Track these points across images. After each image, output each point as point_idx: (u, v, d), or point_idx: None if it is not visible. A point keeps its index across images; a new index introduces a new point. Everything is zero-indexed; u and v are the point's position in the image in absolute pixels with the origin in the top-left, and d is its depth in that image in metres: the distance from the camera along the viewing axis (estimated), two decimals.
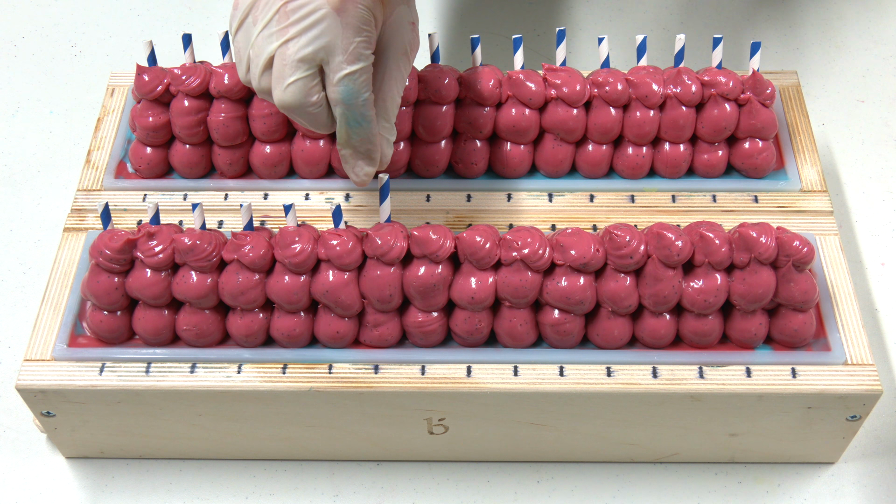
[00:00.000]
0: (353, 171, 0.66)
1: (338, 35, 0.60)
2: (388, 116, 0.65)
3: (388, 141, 0.66)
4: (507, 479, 0.74)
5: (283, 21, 0.61)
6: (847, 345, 0.68)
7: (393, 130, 0.66)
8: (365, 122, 0.63)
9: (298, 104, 0.62)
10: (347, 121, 0.63)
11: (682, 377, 0.67)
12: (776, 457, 0.73)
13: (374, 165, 0.66)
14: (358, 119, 0.63)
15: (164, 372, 0.68)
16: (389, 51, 0.64)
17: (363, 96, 0.62)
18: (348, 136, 0.64)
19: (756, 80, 0.74)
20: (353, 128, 0.63)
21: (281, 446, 0.73)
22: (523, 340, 0.68)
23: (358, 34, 0.61)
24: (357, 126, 0.63)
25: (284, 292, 0.66)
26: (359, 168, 0.66)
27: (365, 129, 0.64)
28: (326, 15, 0.60)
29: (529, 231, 0.66)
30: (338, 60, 0.61)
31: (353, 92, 0.62)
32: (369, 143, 0.65)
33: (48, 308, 0.71)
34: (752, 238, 0.65)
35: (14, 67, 1.01)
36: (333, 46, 0.61)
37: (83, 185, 0.78)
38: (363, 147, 0.65)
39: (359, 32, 0.61)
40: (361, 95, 0.62)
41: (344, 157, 0.66)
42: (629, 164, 0.76)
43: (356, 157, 0.66)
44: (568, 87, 0.74)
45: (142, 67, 0.76)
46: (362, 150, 0.65)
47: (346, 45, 0.61)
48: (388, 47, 0.64)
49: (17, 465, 0.75)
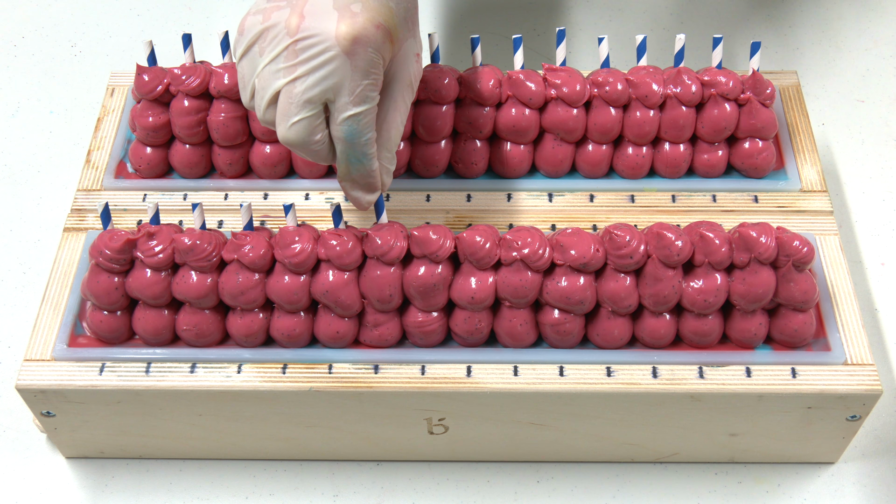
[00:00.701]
0: (355, 200, 0.67)
1: (346, 77, 0.60)
2: (390, 147, 0.65)
3: (388, 170, 0.67)
4: (507, 479, 0.74)
5: (291, 59, 0.61)
6: (847, 345, 0.68)
7: (394, 160, 0.67)
8: (366, 159, 0.64)
9: (302, 142, 0.63)
10: (348, 158, 0.64)
11: (682, 377, 0.67)
12: (776, 457, 0.73)
13: (374, 195, 0.67)
14: (359, 157, 0.64)
15: (164, 372, 0.68)
16: (395, 84, 0.64)
17: (366, 136, 0.63)
18: (348, 172, 0.65)
19: (756, 80, 0.74)
20: (353, 164, 0.64)
21: (281, 446, 0.73)
22: (523, 340, 0.68)
23: (366, 77, 0.61)
24: (357, 163, 0.64)
25: (284, 292, 0.66)
26: (359, 196, 0.67)
27: (365, 166, 0.64)
28: (335, 56, 0.60)
29: (529, 231, 0.66)
30: (343, 101, 0.61)
31: (356, 132, 0.62)
32: (369, 177, 0.65)
33: (48, 308, 0.71)
34: (752, 238, 0.65)
35: (14, 67, 1.01)
36: (340, 87, 0.61)
37: (83, 185, 0.78)
38: (363, 181, 0.65)
39: (367, 75, 0.61)
40: (364, 135, 0.63)
41: (344, 188, 0.66)
42: (629, 164, 0.76)
43: (355, 189, 0.66)
44: (568, 87, 0.74)
45: (142, 67, 0.76)
46: (362, 183, 0.66)
47: (353, 88, 0.61)
48: (394, 80, 0.64)
49: (17, 465, 0.75)
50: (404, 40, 0.64)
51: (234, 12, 1.05)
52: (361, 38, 0.60)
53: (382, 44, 0.61)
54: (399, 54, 0.64)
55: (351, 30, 0.60)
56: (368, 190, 0.66)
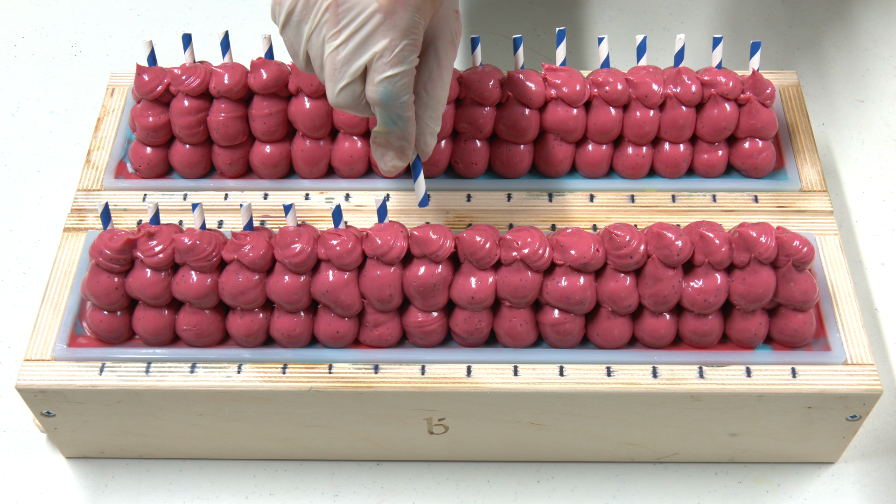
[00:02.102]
0: (382, 160, 0.66)
1: (385, 37, 0.60)
2: (436, 107, 0.64)
3: (432, 131, 0.65)
4: (507, 479, 0.74)
5: (333, 24, 0.60)
6: (847, 344, 0.68)
7: (439, 121, 0.65)
8: (401, 121, 0.63)
9: (350, 106, 0.63)
10: (384, 120, 0.63)
11: (682, 377, 0.67)
12: (776, 457, 0.73)
13: (404, 161, 0.66)
14: (394, 119, 0.63)
15: (164, 372, 0.68)
16: (437, 42, 0.63)
17: (402, 98, 0.62)
18: (384, 133, 0.64)
19: (756, 80, 0.74)
20: (389, 126, 0.63)
21: (281, 446, 0.73)
22: (523, 340, 0.68)
23: (405, 37, 0.60)
24: (393, 125, 0.63)
25: (284, 292, 0.66)
26: (388, 158, 0.66)
27: (401, 128, 0.63)
28: (376, 17, 0.59)
29: (529, 231, 0.66)
30: (382, 62, 0.60)
31: (392, 94, 0.61)
32: (403, 140, 0.64)
33: (48, 308, 0.71)
34: (752, 238, 0.65)
35: (14, 67, 1.01)
36: (380, 49, 0.60)
37: (83, 185, 0.78)
38: (396, 143, 0.64)
39: (406, 35, 0.60)
40: (400, 98, 0.62)
41: (374, 147, 0.65)
42: (629, 164, 0.76)
43: (387, 149, 0.65)
44: (568, 87, 0.74)
45: (142, 67, 0.76)
46: (395, 146, 0.65)
47: (392, 48, 0.60)
48: (436, 38, 0.63)
49: (17, 465, 0.75)
50: None
51: (234, 12, 1.05)
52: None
53: (423, 2, 0.60)
54: (440, 11, 0.63)
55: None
56: (399, 153, 0.65)
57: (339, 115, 0.75)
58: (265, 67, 0.74)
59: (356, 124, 0.75)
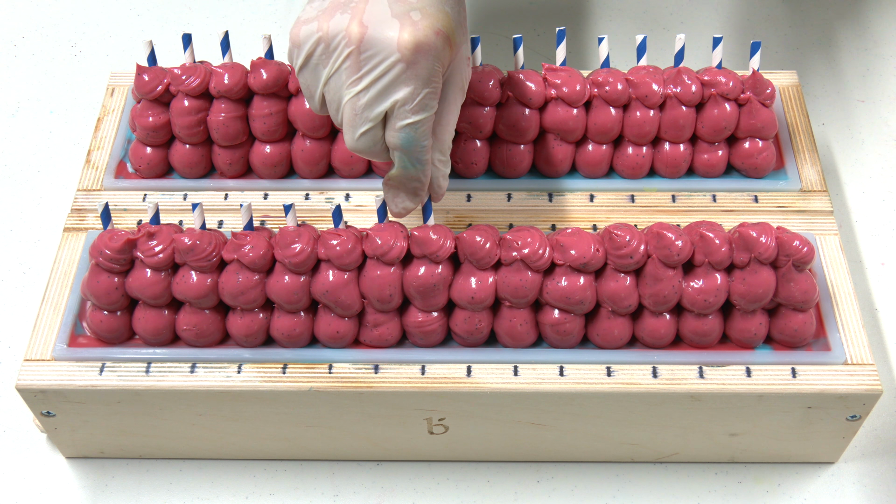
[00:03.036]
0: (394, 201, 0.67)
1: (408, 86, 0.60)
2: (444, 150, 0.65)
3: (443, 174, 0.67)
4: (507, 479, 0.74)
5: (354, 70, 0.60)
6: (847, 344, 0.68)
7: (448, 164, 0.67)
8: (420, 165, 0.64)
9: (369, 151, 0.63)
10: (403, 164, 0.64)
11: (682, 377, 0.67)
12: (776, 457, 0.73)
13: (416, 203, 0.67)
14: (413, 162, 0.64)
15: (164, 372, 0.68)
16: (448, 87, 0.64)
17: (423, 143, 0.63)
18: (401, 175, 0.65)
19: (756, 79, 0.74)
20: (408, 170, 0.64)
21: (281, 446, 0.73)
22: (523, 340, 0.68)
23: (427, 85, 0.61)
24: (412, 168, 0.64)
25: (284, 292, 0.66)
26: (399, 201, 0.66)
27: (419, 171, 0.64)
28: (399, 66, 0.60)
29: (529, 231, 0.66)
30: (403, 109, 0.61)
31: (414, 140, 0.62)
32: (419, 182, 0.65)
33: (48, 308, 0.71)
34: (752, 238, 0.65)
35: (14, 67, 1.01)
36: (403, 97, 0.61)
37: (83, 185, 0.78)
38: (411, 185, 0.65)
39: (428, 83, 0.61)
40: (422, 143, 0.63)
41: (387, 189, 0.66)
42: (629, 164, 0.76)
43: (400, 192, 0.66)
44: (568, 87, 0.74)
45: (142, 67, 0.76)
46: (409, 188, 0.66)
47: (414, 96, 0.61)
48: (448, 84, 0.64)
49: (17, 465, 0.75)
50: (461, 45, 0.64)
51: (234, 12, 1.05)
52: (423, 46, 0.59)
53: (442, 50, 0.61)
54: (455, 58, 0.64)
55: (413, 38, 0.59)
56: (413, 196, 0.66)
57: None
58: (265, 67, 0.74)
59: None
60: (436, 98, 0.62)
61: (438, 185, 0.67)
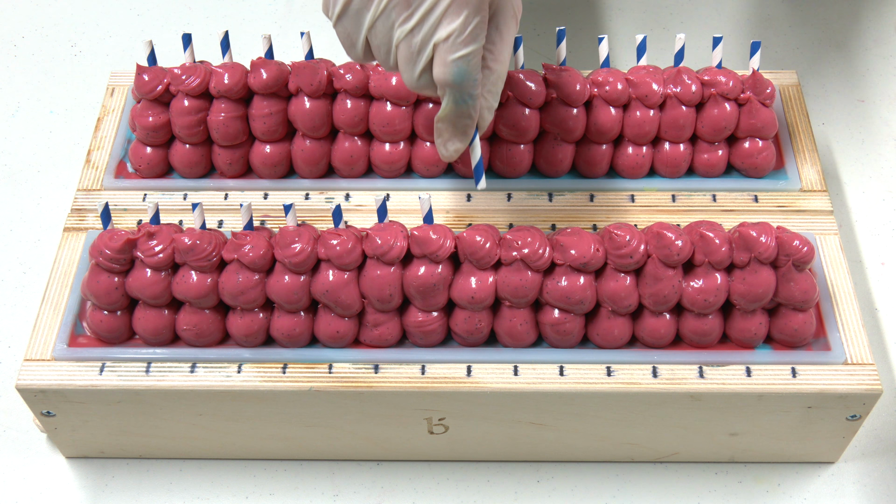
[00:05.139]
0: (445, 145, 0.65)
1: (458, 16, 0.59)
2: (496, 82, 0.64)
3: (490, 107, 0.65)
4: (507, 479, 0.74)
5: (403, 8, 0.59)
6: (847, 344, 0.68)
7: (497, 97, 0.65)
8: (472, 100, 0.62)
9: (430, 86, 0.62)
10: (455, 99, 0.62)
11: (682, 377, 0.67)
12: (776, 456, 0.73)
13: (465, 143, 0.64)
14: (465, 97, 0.62)
15: (164, 372, 0.68)
16: (499, 16, 0.62)
17: (475, 77, 0.61)
18: (451, 114, 0.63)
19: (756, 79, 0.74)
20: (459, 106, 0.62)
21: (281, 446, 0.73)
22: (523, 340, 0.68)
23: (476, 14, 0.59)
24: (463, 104, 0.62)
25: (284, 292, 0.66)
26: (451, 144, 0.64)
27: (470, 107, 0.62)
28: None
29: (529, 231, 0.66)
30: (453, 41, 0.59)
31: (466, 73, 0.60)
32: (469, 118, 0.63)
33: (48, 308, 0.71)
34: (752, 238, 0.65)
35: (14, 67, 1.01)
36: (455, 28, 0.59)
37: (83, 185, 0.78)
38: (461, 123, 0.63)
39: (478, 12, 0.59)
40: (473, 76, 0.61)
41: (438, 130, 0.64)
42: (629, 164, 0.76)
43: (451, 133, 0.64)
44: (568, 87, 0.74)
45: (142, 67, 0.76)
46: (459, 127, 0.64)
47: (464, 27, 0.59)
48: (497, 13, 0.62)
49: (17, 465, 0.75)
50: None
51: (234, 12, 1.05)
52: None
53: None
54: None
55: None
56: (462, 135, 0.64)
57: (339, 116, 0.75)
58: (265, 67, 0.74)
59: (356, 124, 0.75)
60: (485, 27, 0.60)
61: (484, 119, 0.65)
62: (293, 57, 0.88)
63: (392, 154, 0.76)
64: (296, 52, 0.99)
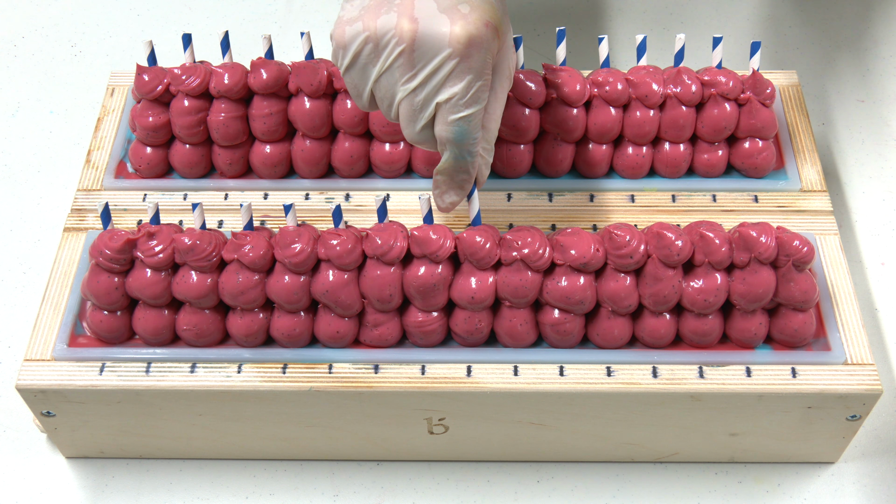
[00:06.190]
0: (441, 198, 0.67)
1: (461, 80, 0.60)
2: (490, 139, 0.65)
3: (487, 162, 0.66)
4: (507, 479, 0.74)
5: (408, 67, 0.61)
6: (847, 344, 0.68)
7: (492, 152, 0.66)
8: (471, 157, 0.64)
9: (429, 142, 0.64)
10: (455, 156, 0.64)
11: (682, 377, 0.67)
12: (776, 457, 0.73)
13: (462, 196, 0.66)
14: (464, 154, 0.64)
15: (164, 372, 0.68)
16: (496, 76, 0.64)
17: (475, 136, 0.63)
18: (451, 168, 0.64)
19: (756, 79, 0.74)
20: (458, 161, 0.64)
21: (281, 446, 0.73)
22: (523, 340, 0.68)
23: (479, 78, 0.61)
24: (462, 160, 0.64)
25: (284, 292, 0.66)
26: (447, 196, 0.66)
27: (468, 163, 0.64)
28: (451, 60, 0.60)
29: (529, 231, 0.66)
30: (456, 102, 0.61)
31: (466, 133, 0.62)
32: (467, 174, 0.65)
33: (48, 308, 0.71)
34: (752, 238, 0.65)
35: (14, 67, 1.01)
36: (458, 91, 0.61)
37: (83, 185, 0.78)
38: (459, 178, 0.65)
39: (480, 76, 0.61)
40: (473, 135, 0.63)
41: (436, 182, 0.66)
42: (629, 164, 0.76)
43: (449, 186, 0.66)
44: (568, 87, 0.74)
45: (142, 67, 0.76)
46: (457, 181, 0.65)
47: (467, 89, 0.61)
48: (495, 73, 0.64)
49: (17, 465, 0.75)
50: (507, 33, 0.64)
51: (234, 12, 1.05)
52: (475, 39, 0.60)
53: (492, 41, 0.61)
54: (502, 48, 0.64)
55: (465, 32, 0.59)
56: (459, 189, 0.66)
57: (339, 115, 0.75)
58: (265, 67, 0.74)
59: (356, 125, 0.75)
60: (487, 90, 0.62)
61: (482, 174, 0.67)
62: (293, 57, 0.88)
63: (392, 154, 0.76)
64: (296, 52, 0.99)
